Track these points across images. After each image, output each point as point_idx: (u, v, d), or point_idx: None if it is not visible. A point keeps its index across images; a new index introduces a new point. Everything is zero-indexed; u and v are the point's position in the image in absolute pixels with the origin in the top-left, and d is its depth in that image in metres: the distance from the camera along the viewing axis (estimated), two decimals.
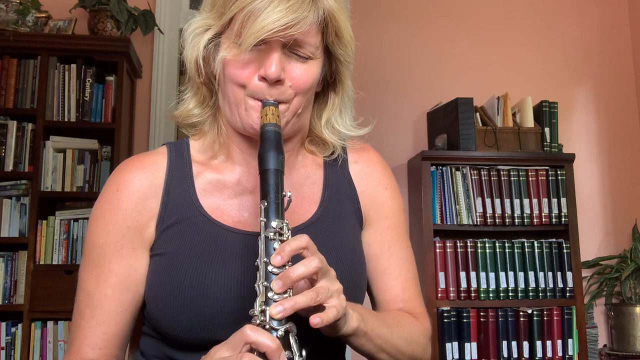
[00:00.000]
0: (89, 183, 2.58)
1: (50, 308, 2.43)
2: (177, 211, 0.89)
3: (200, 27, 0.88)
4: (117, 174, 0.92)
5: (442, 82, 3.12)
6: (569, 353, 2.64)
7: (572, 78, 3.26)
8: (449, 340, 2.61)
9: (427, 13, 3.20)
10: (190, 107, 0.94)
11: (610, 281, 2.99)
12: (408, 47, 3.15)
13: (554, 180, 2.77)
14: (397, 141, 3.04)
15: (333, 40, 0.87)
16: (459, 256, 2.68)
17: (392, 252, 0.98)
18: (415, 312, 0.97)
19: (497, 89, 2.98)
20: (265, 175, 0.76)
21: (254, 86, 0.84)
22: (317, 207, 0.94)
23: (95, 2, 2.61)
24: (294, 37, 0.81)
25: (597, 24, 3.33)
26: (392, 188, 1.02)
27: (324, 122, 0.96)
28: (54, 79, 2.60)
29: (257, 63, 0.83)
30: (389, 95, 3.06)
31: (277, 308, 0.68)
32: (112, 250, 0.87)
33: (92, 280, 0.87)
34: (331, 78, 0.94)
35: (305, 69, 0.85)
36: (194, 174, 0.92)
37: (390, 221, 0.99)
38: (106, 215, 0.88)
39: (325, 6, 0.84)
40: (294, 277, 0.70)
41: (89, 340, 0.86)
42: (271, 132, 0.80)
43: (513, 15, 3.27)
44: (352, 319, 0.78)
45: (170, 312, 0.83)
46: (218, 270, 0.84)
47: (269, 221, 0.74)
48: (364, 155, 1.02)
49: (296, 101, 0.86)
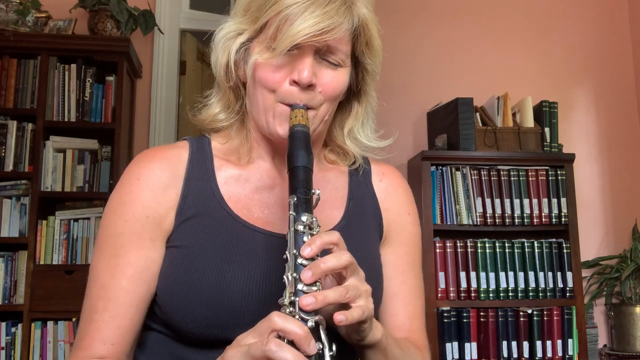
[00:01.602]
0: (89, 183, 2.59)
1: (50, 308, 2.44)
2: (197, 203, 0.88)
3: (233, 32, 0.88)
4: (137, 163, 0.90)
5: (442, 82, 3.12)
6: (569, 353, 2.64)
7: (572, 78, 3.26)
8: (449, 340, 2.61)
9: (427, 13, 3.21)
10: (216, 112, 0.94)
11: (610, 281, 2.99)
12: (408, 48, 3.15)
13: (554, 180, 2.77)
14: (397, 141, 3.03)
15: (363, 50, 0.89)
16: (459, 256, 2.68)
17: (404, 279, 0.97)
18: (418, 345, 0.96)
19: (497, 89, 2.98)
20: (295, 172, 0.76)
21: (285, 91, 0.84)
22: (343, 214, 0.94)
23: (95, 2, 2.62)
24: (327, 43, 0.82)
25: (597, 24, 3.33)
26: (414, 215, 1.01)
27: (346, 132, 0.97)
28: (54, 79, 2.60)
29: (288, 68, 0.84)
30: (389, 95, 3.06)
31: (307, 299, 0.66)
32: (130, 240, 0.85)
33: (107, 271, 0.84)
34: (356, 88, 0.94)
35: (335, 75, 0.86)
36: (216, 167, 0.92)
37: (409, 248, 0.99)
38: (125, 204, 0.86)
39: (360, 14, 0.85)
40: (324, 267, 0.68)
41: (101, 335, 0.82)
42: (300, 132, 0.80)
43: (513, 16, 3.27)
44: (377, 330, 0.78)
45: (186, 307, 0.81)
46: (238, 269, 0.82)
47: (298, 215, 0.73)
48: (390, 175, 1.03)
49: (324, 108, 0.87)
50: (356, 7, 0.84)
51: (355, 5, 0.84)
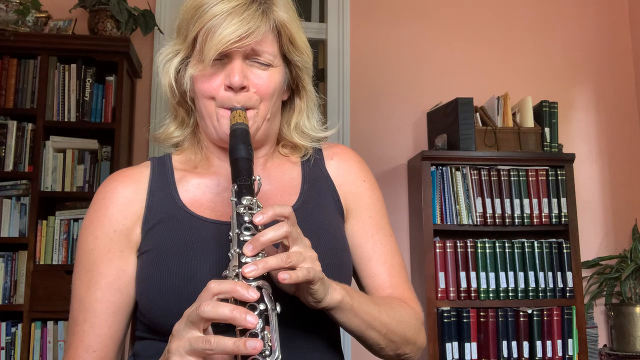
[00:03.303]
0: (89, 183, 2.59)
1: (50, 308, 2.43)
2: (160, 211, 0.94)
3: (170, 53, 0.98)
4: (103, 186, 0.98)
5: (442, 82, 3.12)
6: (569, 353, 2.64)
7: (572, 78, 3.26)
8: (449, 340, 2.61)
9: (427, 13, 3.20)
10: (170, 130, 1.03)
11: (610, 281, 2.99)
12: (408, 47, 3.15)
13: (554, 180, 2.77)
14: (397, 141, 3.04)
15: (288, 48, 0.95)
16: (459, 256, 2.68)
17: (375, 240, 1.02)
18: (404, 297, 1.00)
19: (497, 89, 2.98)
20: (235, 163, 0.82)
21: (222, 96, 0.91)
22: (297, 198, 0.99)
23: (95, 2, 2.61)
24: (250, 47, 0.90)
25: (597, 24, 3.33)
26: (370, 181, 1.07)
27: (292, 127, 1.04)
28: (54, 79, 2.60)
29: (222, 75, 0.91)
30: (389, 95, 3.06)
31: (249, 267, 0.71)
32: (100, 254, 0.92)
33: (83, 286, 0.92)
34: (294, 85, 1.01)
35: (267, 75, 0.93)
36: (177, 179, 0.99)
37: (371, 211, 1.04)
38: (94, 222, 0.94)
39: (276, 17, 0.92)
40: (263, 239, 0.73)
41: (83, 344, 0.89)
42: (239, 129, 0.86)
43: (513, 16, 3.27)
44: (335, 291, 0.81)
45: (162, 302, 0.86)
46: (203, 258, 0.88)
47: (240, 200, 0.78)
48: (339, 152, 1.08)
49: (263, 106, 0.94)
50: (272, 11, 0.92)
51: (271, 9, 0.92)
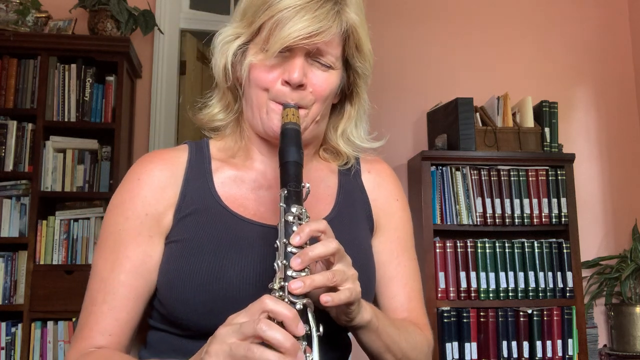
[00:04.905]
0: (89, 183, 2.59)
1: (50, 308, 2.43)
2: (195, 201, 0.92)
3: (231, 35, 0.93)
4: (139, 165, 0.95)
5: (442, 82, 3.12)
6: (569, 353, 2.64)
7: (572, 78, 3.26)
8: (449, 340, 2.61)
9: (427, 13, 3.20)
10: (215, 112, 1.00)
11: (610, 281, 2.99)
12: (408, 47, 3.15)
13: (554, 180, 2.77)
14: (397, 141, 3.04)
15: (353, 53, 0.93)
16: (459, 256, 2.68)
17: (399, 262, 1.02)
18: (418, 323, 0.99)
19: (497, 89, 2.98)
20: (285, 166, 0.80)
21: (277, 90, 0.89)
22: (332, 207, 0.98)
23: (95, 2, 2.62)
24: (317, 46, 0.87)
25: (597, 24, 3.33)
26: (402, 200, 1.06)
27: (339, 133, 1.01)
28: (54, 79, 2.60)
29: (281, 68, 0.89)
30: (389, 95, 3.06)
31: (296, 283, 0.70)
32: (129, 236, 0.89)
33: (106, 266, 0.89)
34: (348, 90, 0.99)
35: (325, 77, 0.91)
36: (213, 169, 0.96)
37: (400, 232, 1.04)
38: (126, 202, 0.91)
39: (349, 19, 0.89)
40: (312, 255, 0.72)
41: (99, 326, 0.86)
42: (292, 129, 0.84)
43: (513, 16, 3.27)
44: (365, 311, 0.81)
45: (186, 297, 0.85)
46: (234, 257, 0.86)
47: (288, 207, 0.77)
48: (377, 166, 1.07)
49: (315, 107, 0.91)
50: (345, 12, 0.89)
51: (344, 11, 0.89)
